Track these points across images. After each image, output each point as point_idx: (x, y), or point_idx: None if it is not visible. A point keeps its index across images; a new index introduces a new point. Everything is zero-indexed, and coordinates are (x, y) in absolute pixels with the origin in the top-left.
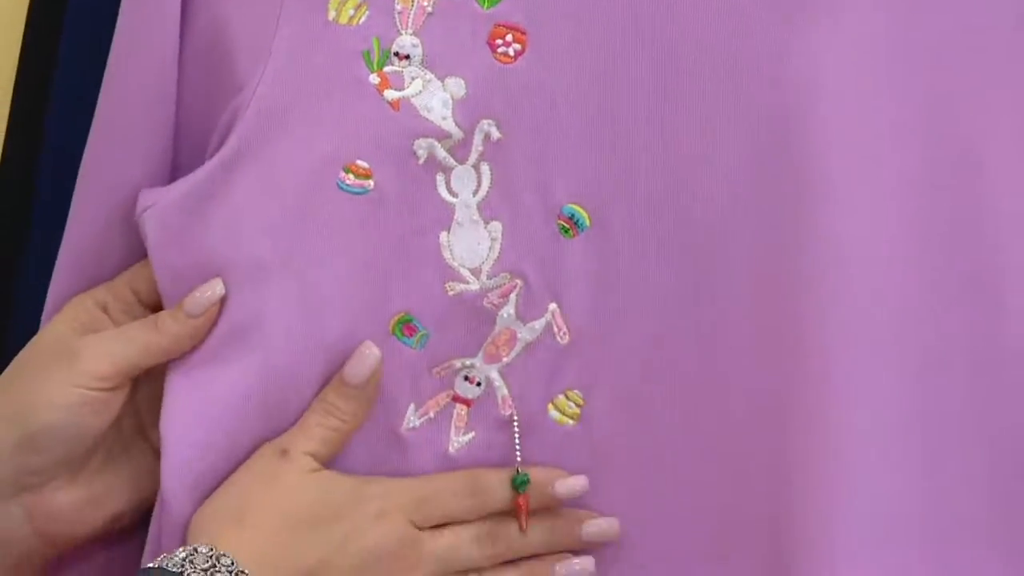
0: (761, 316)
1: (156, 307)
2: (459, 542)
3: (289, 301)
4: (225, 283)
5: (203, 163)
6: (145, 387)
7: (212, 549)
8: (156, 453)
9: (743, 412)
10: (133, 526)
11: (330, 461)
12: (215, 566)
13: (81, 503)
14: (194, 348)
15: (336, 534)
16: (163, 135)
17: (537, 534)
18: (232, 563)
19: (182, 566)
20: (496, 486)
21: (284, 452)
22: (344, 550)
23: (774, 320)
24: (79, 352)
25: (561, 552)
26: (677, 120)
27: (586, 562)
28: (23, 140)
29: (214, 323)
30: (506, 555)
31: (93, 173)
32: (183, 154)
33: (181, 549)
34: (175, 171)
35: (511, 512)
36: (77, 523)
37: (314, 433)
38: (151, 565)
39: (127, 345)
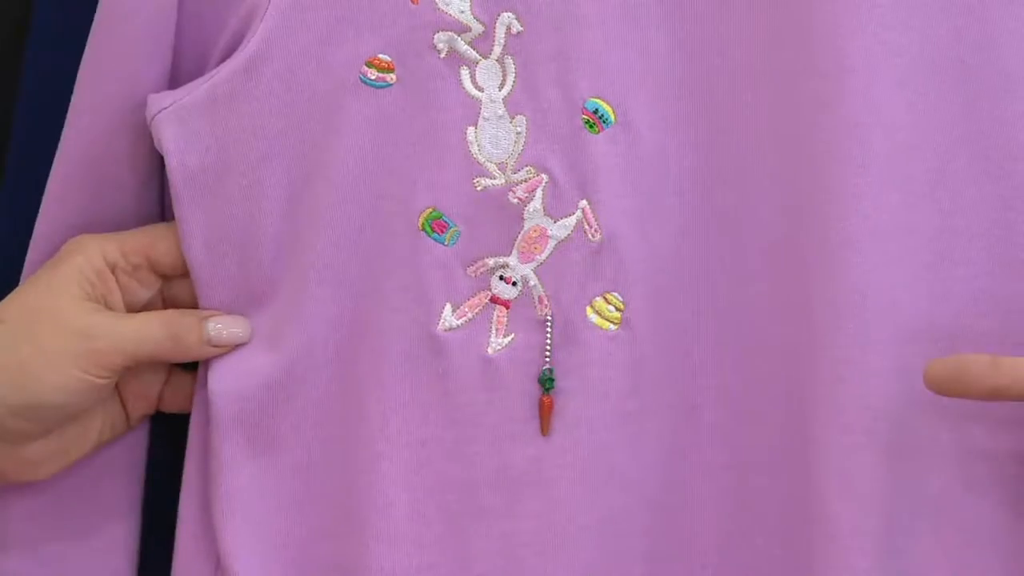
0: (786, 199)
1: (169, 274)
2: None
3: (317, 197)
4: (250, 180)
5: (207, 63)
6: None
7: None
8: (123, 405)
9: (777, 293)
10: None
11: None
12: None
13: (49, 453)
14: None
15: None
16: (167, 34)
17: None
18: None
19: None
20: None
21: None
22: None
23: (798, 202)
24: (93, 337)
25: None
26: (696, 10)
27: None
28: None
29: None
30: None
31: (92, 79)
32: (185, 55)
33: None
34: (176, 74)
35: None
36: (39, 468)
37: None
38: None
39: (140, 343)
